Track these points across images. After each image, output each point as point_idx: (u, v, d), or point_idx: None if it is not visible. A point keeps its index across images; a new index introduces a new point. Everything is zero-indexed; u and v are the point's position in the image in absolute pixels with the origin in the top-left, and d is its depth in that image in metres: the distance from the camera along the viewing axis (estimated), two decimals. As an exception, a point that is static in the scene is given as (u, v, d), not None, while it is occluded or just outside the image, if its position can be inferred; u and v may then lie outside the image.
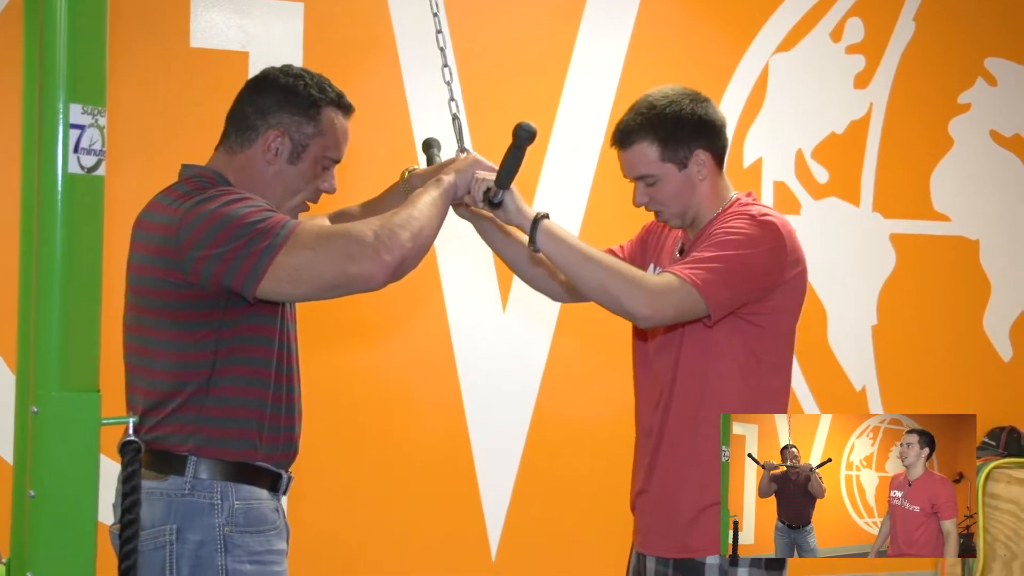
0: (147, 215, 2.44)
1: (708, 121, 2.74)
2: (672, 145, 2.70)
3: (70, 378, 1.77)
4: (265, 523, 2.41)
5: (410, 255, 2.31)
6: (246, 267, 2.23)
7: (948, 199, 5.49)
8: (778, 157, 5.23)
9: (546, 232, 2.55)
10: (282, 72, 2.54)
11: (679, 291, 2.50)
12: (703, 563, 2.62)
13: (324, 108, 2.52)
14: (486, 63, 4.78)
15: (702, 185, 2.72)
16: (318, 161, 2.53)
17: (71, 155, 1.78)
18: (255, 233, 2.24)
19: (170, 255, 2.30)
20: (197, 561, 2.32)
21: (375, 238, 2.25)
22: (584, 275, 2.53)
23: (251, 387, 2.39)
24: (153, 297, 2.36)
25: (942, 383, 5.47)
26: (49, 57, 1.77)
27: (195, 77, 4.47)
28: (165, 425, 2.35)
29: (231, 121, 2.55)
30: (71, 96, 1.78)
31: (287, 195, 2.52)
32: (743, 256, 2.55)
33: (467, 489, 4.81)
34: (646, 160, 2.72)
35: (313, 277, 2.24)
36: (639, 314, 2.50)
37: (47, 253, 1.77)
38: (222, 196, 2.33)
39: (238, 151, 2.51)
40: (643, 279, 2.52)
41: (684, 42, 5.09)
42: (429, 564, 4.75)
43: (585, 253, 2.54)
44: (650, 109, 2.73)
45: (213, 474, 2.36)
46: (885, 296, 5.41)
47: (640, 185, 2.75)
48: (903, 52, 5.38)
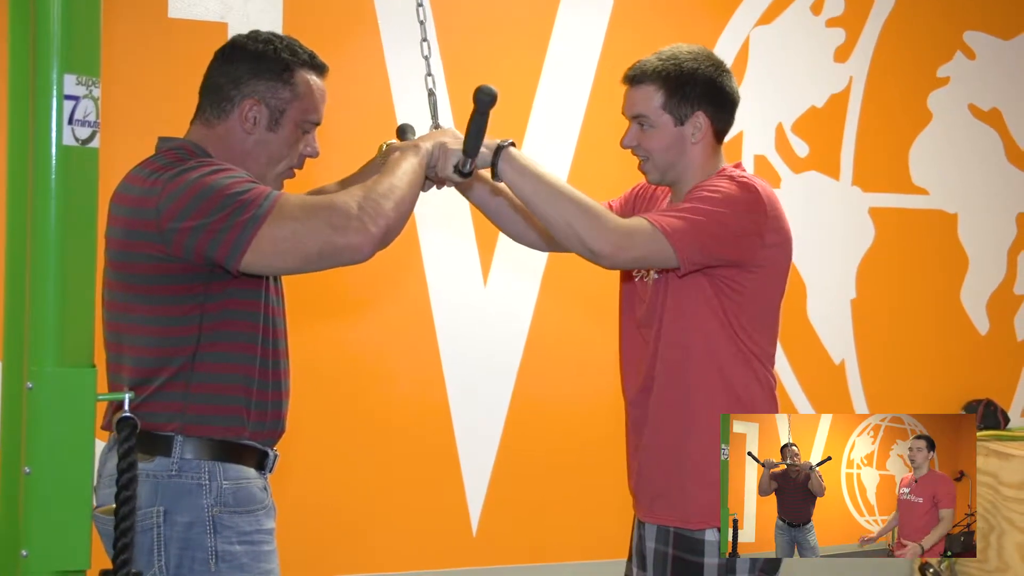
0: (124, 188, 2.39)
1: (721, 90, 2.72)
2: (677, 98, 2.68)
3: (65, 353, 1.75)
4: (254, 502, 2.38)
5: (394, 224, 2.30)
6: (229, 239, 2.20)
7: (926, 173, 5.50)
8: (758, 131, 5.23)
9: (508, 159, 2.51)
10: (250, 39, 2.49)
11: (647, 234, 2.48)
12: (702, 538, 2.63)
13: (297, 70, 2.47)
14: (468, 35, 4.75)
15: (693, 148, 2.70)
16: (298, 125, 2.48)
17: (65, 127, 1.75)
18: (238, 204, 2.21)
19: (150, 227, 2.26)
20: (186, 543, 2.29)
21: (359, 208, 2.23)
22: (548, 208, 2.49)
23: (237, 363, 2.36)
24: (134, 272, 2.32)
25: (920, 357, 5.50)
26: (43, 26, 1.74)
27: (173, 48, 4.42)
28: (150, 403, 2.30)
29: (205, 93, 2.50)
30: (65, 66, 1.75)
31: (271, 163, 2.48)
32: (719, 214, 2.54)
33: (448, 464, 4.80)
34: (648, 103, 2.70)
35: (298, 248, 2.21)
36: (601, 252, 2.48)
37: (42, 227, 1.75)
38: (203, 167, 2.29)
39: (215, 123, 2.47)
40: (610, 218, 2.49)
41: (665, 14, 5.07)
42: (410, 538, 4.75)
43: (550, 184, 2.50)
44: (671, 58, 2.72)
45: (200, 454, 2.32)
46: (864, 270, 5.42)
47: (634, 125, 2.74)
48: (883, 25, 5.38)
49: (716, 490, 2.56)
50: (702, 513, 2.62)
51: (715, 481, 2.56)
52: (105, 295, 2.42)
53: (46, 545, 1.75)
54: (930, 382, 5.48)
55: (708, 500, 2.59)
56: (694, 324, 2.65)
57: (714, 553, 2.60)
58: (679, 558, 2.65)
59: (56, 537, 1.75)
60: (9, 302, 2.36)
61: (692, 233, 2.51)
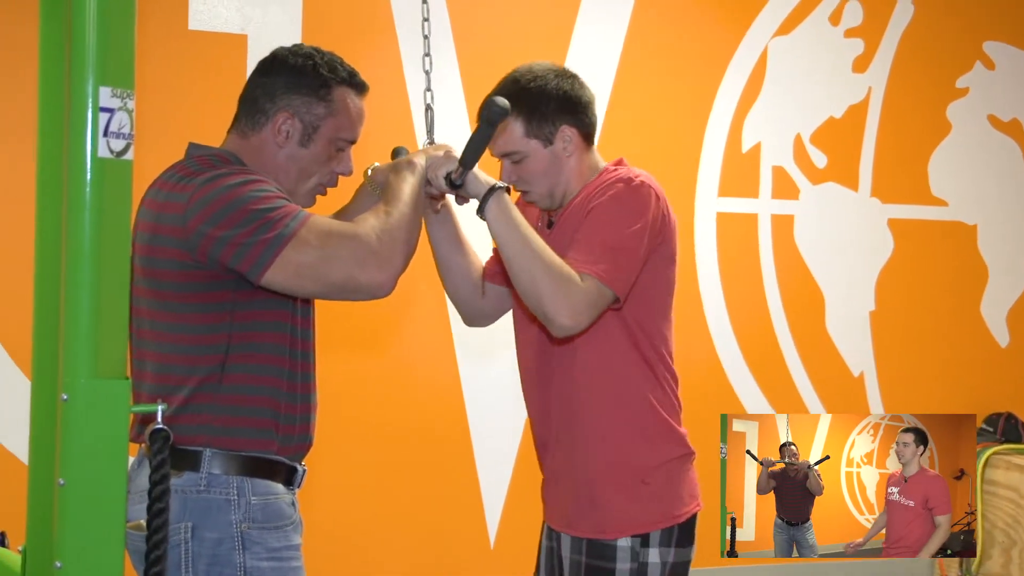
0: (152, 193, 2.38)
1: (573, 97, 2.69)
2: (537, 120, 2.66)
3: (100, 365, 1.75)
4: (283, 518, 2.36)
5: (410, 255, 2.31)
6: (253, 255, 2.20)
7: (946, 184, 5.49)
8: (777, 142, 5.23)
9: (499, 200, 2.50)
10: (291, 52, 2.49)
11: (595, 293, 2.47)
12: (615, 545, 2.63)
13: (335, 88, 2.45)
14: (485, 48, 4.75)
15: (569, 161, 2.69)
16: (331, 143, 2.47)
17: (100, 139, 1.74)
18: (265, 221, 2.20)
19: (176, 233, 2.26)
20: (214, 559, 2.27)
21: (379, 242, 2.24)
22: (519, 259, 2.48)
23: (266, 375, 2.33)
24: (161, 279, 2.31)
25: (940, 369, 5.48)
26: (78, 39, 1.74)
27: (193, 60, 4.43)
28: (177, 416, 2.28)
29: (242, 103, 2.50)
30: (100, 79, 1.74)
31: (301, 178, 2.47)
32: (635, 232, 2.53)
33: (466, 476, 4.80)
34: (511, 136, 2.67)
35: (320, 276, 2.22)
36: (557, 322, 2.46)
37: (76, 239, 1.74)
38: (235, 175, 2.29)
39: (250, 134, 2.46)
40: (576, 288, 2.45)
41: (683, 26, 5.08)
42: (428, 550, 4.74)
43: (529, 238, 2.49)
44: (514, 84, 2.69)
45: (228, 469, 2.30)
46: (883, 282, 5.41)
47: (506, 163, 2.71)
48: (902, 36, 5.37)
49: (627, 496, 2.61)
50: (616, 522, 2.63)
51: (626, 486, 2.62)
52: (131, 302, 2.41)
53: (80, 556, 1.74)
54: (949, 395, 5.46)
55: (620, 508, 2.62)
56: (592, 332, 2.61)
57: (626, 559, 2.61)
58: (591, 565, 2.65)
59: (90, 548, 1.74)
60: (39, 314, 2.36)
61: (621, 267, 2.51)
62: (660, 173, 3.54)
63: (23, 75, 4.03)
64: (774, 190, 5.21)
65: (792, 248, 5.27)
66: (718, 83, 5.13)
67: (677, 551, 2.64)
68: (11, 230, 4.21)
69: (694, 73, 5.12)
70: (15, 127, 4.18)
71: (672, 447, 2.67)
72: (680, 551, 2.65)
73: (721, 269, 5.14)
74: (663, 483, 2.65)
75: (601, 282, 2.47)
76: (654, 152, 4.89)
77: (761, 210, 5.21)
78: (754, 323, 5.23)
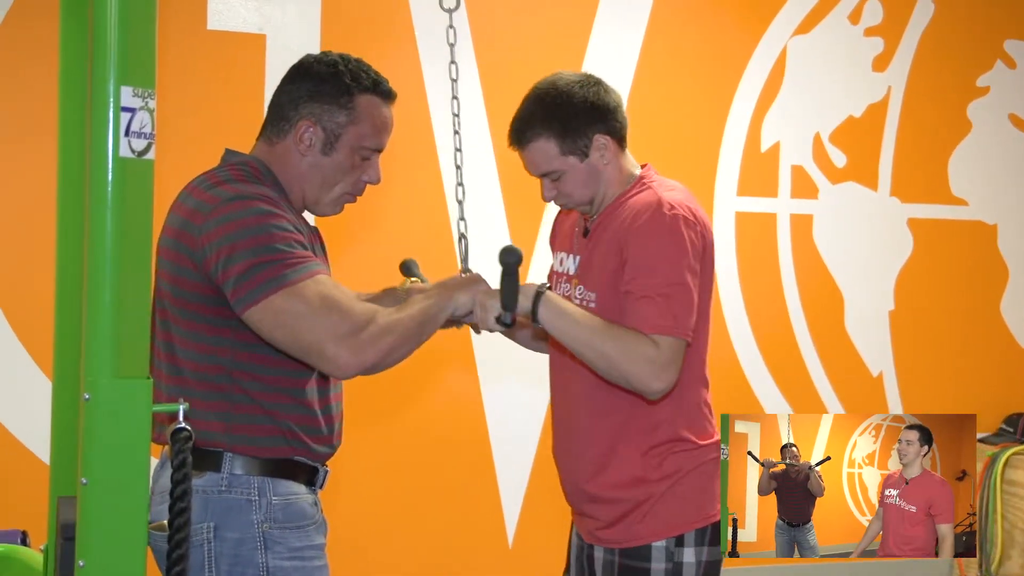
0: (183, 198, 2.39)
1: (600, 104, 2.67)
2: (571, 137, 2.65)
3: (122, 365, 1.75)
4: (304, 518, 2.36)
5: (383, 363, 2.28)
6: (243, 288, 2.19)
7: (966, 183, 5.47)
8: (796, 141, 5.21)
9: (547, 307, 2.50)
10: (317, 60, 2.48)
11: (668, 351, 2.48)
12: (649, 544, 2.64)
13: (358, 96, 2.44)
14: (503, 46, 4.75)
15: (607, 169, 2.69)
16: (355, 151, 2.46)
17: (122, 139, 1.75)
18: (269, 260, 2.20)
19: (191, 242, 2.26)
20: (236, 559, 2.28)
21: (366, 331, 2.22)
22: (589, 350, 2.50)
23: (282, 381, 2.33)
24: (178, 284, 2.32)
25: (959, 369, 5.46)
26: (100, 39, 1.74)
27: (212, 59, 4.44)
28: (195, 420, 2.27)
29: (269, 110, 2.50)
30: (122, 78, 1.74)
31: (325, 187, 2.46)
32: (681, 268, 2.53)
33: (484, 476, 4.80)
34: (547, 156, 2.66)
35: (294, 332, 2.20)
36: (650, 391, 2.50)
37: (98, 239, 1.74)
38: (262, 201, 2.27)
39: (275, 141, 2.46)
40: (644, 351, 2.47)
41: (701, 25, 5.07)
42: (446, 550, 4.74)
43: (587, 324, 2.51)
44: (539, 103, 2.67)
45: (249, 469, 2.31)
46: (902, 281, 5.39)
47: (546, 181, 2.71)
48: (921, 34, 5.35)
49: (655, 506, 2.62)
50: (647, 532, 2.65)
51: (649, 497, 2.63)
52: (156, 302, 2.42)
53: (102, 555, 1.74)
54: (969, 395, 5.43)
55: (651, 518, 2.63)
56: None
57: (661, 559, 2.62)
58: (626, 565, 2.66)
59: (112, 547, 1.75)
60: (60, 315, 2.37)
61: (681, 310, 2.51)
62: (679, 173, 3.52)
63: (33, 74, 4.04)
64: (793, 189, 5.20)
65: (811, 248, 5.25)
66: (737, 82, 5.11)
67: (710, 550, 2.65)
68: (30, 232, 4.22)
69: (713, 72, 5.11)
70: (35, 127, 4.19)
71: (710, 449, 2.68)
72: (713, 550, 2.65)
73: (740, 269, 5.13)
74: (698, 484, 2.66)
75: (671, 336, 2.49)
76: (673, 151, 4.88)
77: (780, 210, 5.20)
78: (773, 323, 5.21)
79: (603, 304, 2.64)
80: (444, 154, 4.64)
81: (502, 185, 4.75)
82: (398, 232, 4.64)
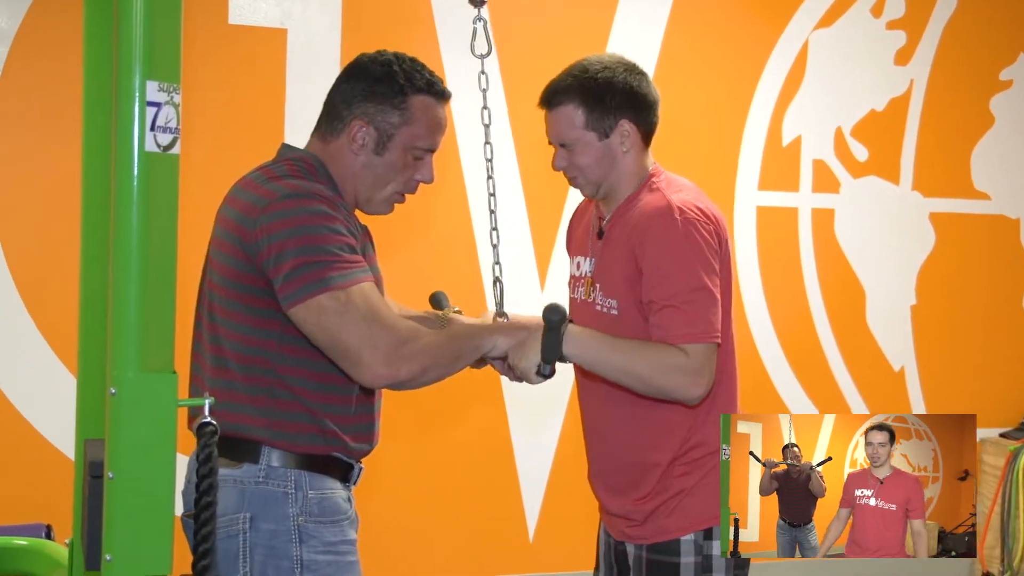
0: (236, 191, 2.41)
1: (640, 94, 2.67)
2: (599, 112, 2.64)
3: (147, 359, 1.75)
4: (339, 513, 2.38)
5: (414, 382, 2.30)
6: (291, 286, 2.22)
7: (989, 177, 5.44)
8: (817, 135, 5.19)
9: (573, 343, 2.50)
10: (371, 59, 2.49)
11: (699, 357, 2.48)
12: (678, 539, 2.64)
13: (411, 96, 2.46)
14: (523, 41, 4.74)
15: (625, 158, 2.68)
16: (407, 151, 2.47)
17: (147, 133, 1.75)
18: (319, 261, 2.22)
19: (245, 235, 2.28)
20: (271, 551, 2.30)
21: (405, 346, 2.24)
22: (622, 374, 2.52)
23: (327, 377, 2.34)
24: (226, 275, 2.34)
25: (981, 364, 5.43)
26: (125, 33, 1.74)
27: (233, 54, 4.44)
28: (236, 412, 2.31)
29: (324, 107, 2.52)
30: (147, 73, 1.75)
31: (377, 186, 2.48)
32: (697, 269, 2.53)
33: (504, 470, 4.80)
34: (570, 124, 2.66)
35: (335, 334, 2.22)
36: (692, 397, 2.51)
37: (124, 233, 1.75)
38: (318, 201, 2.29)
39: (329, 139, 2.48)
40: (674, 362, 2.48)
41: (723, 19, 5.05)
42: (467, 544, 4.75)
43: (614, 347, 2.52)
44: (582, 72, 2.67)
45: (287, 462, 2.33)
46: (924, 276, 5.37)
47: (560, 150, 2.71)
48: (944, 27, 5.32)
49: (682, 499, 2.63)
50: (675, 526, 2.65)
51: (680, 491, 2.63)
52: (203, 295, 2.44)
53: (129, 549, 1.75)
54: (991, 390, 5.41)
55: (679, 513, 2.64)
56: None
57: (690, 552, 2.63)
58: (654, 560, 2.67)
59: (139, 541, 1.75)
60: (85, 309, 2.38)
61: (705, 313, 2.51)
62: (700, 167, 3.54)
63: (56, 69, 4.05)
64: (815, 184, 5.18)
65: (833, 242, 5.24)
66: (758, 76, 5.10)
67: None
68: (53, 228, 4.24)
69: (734, 66, 5.09)
70: (58, 122, 4.21)
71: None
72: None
73: (761, 263, 5.12)
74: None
75: (700, 343, 2.49)
76: (694, 145, 4.88)
77: (801, 204, 5.18)
78: (794, 317, 5.20)
79: (625, 312, 2.64)
80: (467, 157, 4.64)
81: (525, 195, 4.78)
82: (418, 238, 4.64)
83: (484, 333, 2.48)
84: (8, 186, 4.24)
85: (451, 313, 2.83)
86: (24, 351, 4.25)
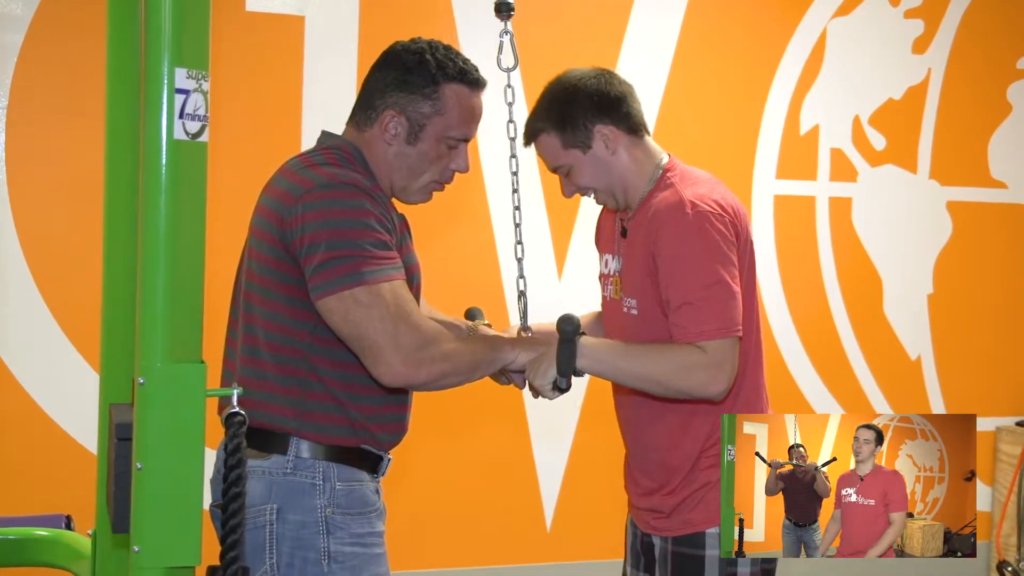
0: (276, 180, 2.40)
1: (600, 94, 2.63)
2: (570, 128, 2.62)
3: (175, 349, 1.74)
4: (367, 505, 2.37)
5: (432, 385, 2.30)
6: (326, 276, 2.21)
7: (1006, 166, 5.42)
8: (835, 123, 5.17)
9: (585, 357, 2.48)
10: (404, 48, 2.47)
11: (719, 354, 2.46)
12: (703, 532, 2.64)
13: (443, 85, 2.43)
14: (541, 31, 4.72)
15: (616, 159, 2.65)
16: (440, 141, 2.45)
17: (176, 121, 1.74)
18: (356, 254, 2.21)
19: (281, 223, 2.27)
20: (298, 543, 2.29)
21: (427, 349, 2.24)
22: (641, 380, 2.50)
23: (358, 368, 2.32)
24: (263, 263, 2.33)
25: (998, 354, 5.42)
26: (153, 21, 1.73)
27: (251, 41, 4.43)
28: (266, 403, 2.31)
29: (359, 96, 2.50)
30: (176, 60, 1.73)
31: (412, 176, 2.46)
32: (713, 262, 2.50)
33: (522, 459, 4.80)
34: (553, 151, 2.66)
35: (362, 327, 2.21)
36: (714, 393, 2.48)
37: (152, 222, 1.74)
38: (356, 195, 2.28)
39: (364, 128, 2.46)
40: (699, 360, 2.46)
41: (741, 7, 5.03)
42: (484, 534, 4.74)
43: (628, 354, 2.50)
44: (543, 99, 2.67)
45: (315, 454, 2.32)
46: (941, 265, 5.35)
47: (562, 177, 2.70)
48: (962, 16, 5.29)
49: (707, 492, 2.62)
50: (700, 519, 2.65)
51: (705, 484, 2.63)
52: (240, 284, 2.43)
53: (157, 540, 1.74)
54: (1008, 379, 5.40)
55: (704, 506, 2.64)
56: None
57: (715, 545, 2.61)
58: (679, 553, 2.66)
59: (167, 532, 1.74)
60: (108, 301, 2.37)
61: (723, 308, 2.48)
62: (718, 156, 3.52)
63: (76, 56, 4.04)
64: (832, 172, 5.16)
65: (850, 231, 5.22)
66: (776, 64, 5.08)
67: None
68: (73, 225, 4.22)
69: (752, 55, 5.07)
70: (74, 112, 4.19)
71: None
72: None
73: (778, 252, 5.10)
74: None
75: (718, 339, 2.47)
76: (712, 135, 4.86)
77: (819, 192, 5.16)
78: (811, 305, 5.19)
79: (644, 311, 2.63)
80: (486, 152, 4.62)
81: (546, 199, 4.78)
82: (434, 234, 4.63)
83: (505, 346, 2.46)
84: (24, 173, 4.23)
85: (480, 326, 2.83)
86: (43, 344, 4.24)
